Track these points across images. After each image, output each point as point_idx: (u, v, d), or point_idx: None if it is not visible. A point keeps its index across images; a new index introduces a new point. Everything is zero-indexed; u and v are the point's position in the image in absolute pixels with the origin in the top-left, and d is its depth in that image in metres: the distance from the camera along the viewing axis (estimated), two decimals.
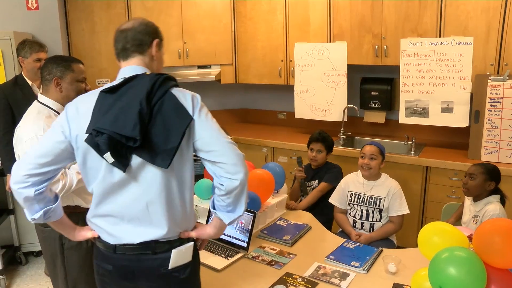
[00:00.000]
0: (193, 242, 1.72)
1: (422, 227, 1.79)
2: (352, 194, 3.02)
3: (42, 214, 1.61)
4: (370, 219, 2.95)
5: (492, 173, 2.70)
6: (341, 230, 3.09)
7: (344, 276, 2.12)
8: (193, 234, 1.71)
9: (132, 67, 1.65)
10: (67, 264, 2.29)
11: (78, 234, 1.78)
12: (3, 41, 3.49)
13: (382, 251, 2.38)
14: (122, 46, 1.66)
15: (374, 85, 4.24)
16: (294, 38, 4.36)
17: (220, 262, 2.25)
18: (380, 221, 2.94)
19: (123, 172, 1.54)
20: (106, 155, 1.50)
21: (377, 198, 2.93)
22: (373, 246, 2.45)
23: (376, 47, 3.93)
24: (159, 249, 1.63)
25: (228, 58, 4.78)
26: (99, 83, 4.26)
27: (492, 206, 2.65)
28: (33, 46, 3.27)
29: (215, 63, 4.78)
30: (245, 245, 2.37)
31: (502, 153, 3.36)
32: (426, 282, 1.62)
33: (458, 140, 3.90)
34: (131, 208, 1.60)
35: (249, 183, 2.60)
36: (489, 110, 3.36)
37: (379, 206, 2.93)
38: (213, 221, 1.74)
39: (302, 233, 2.61)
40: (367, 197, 2.96)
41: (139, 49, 1.66)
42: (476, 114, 3.44)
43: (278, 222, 2.76)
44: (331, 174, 3.28)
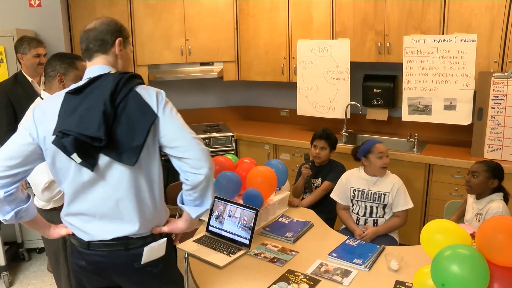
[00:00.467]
0: (165, 238, 1.75)
1: (424, 225, 1.79)
2: (355, 190, 3.01)
3: (14, 215, 1.63)
4: (374, 215, 2.94)
5: (495, 171, 2.69)
6: (344, 227, 3.08)
7: (346, 273, 2.12)
8: (165, 229, 1.75)
9: (96, 67, 1.67)
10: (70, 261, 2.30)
11: (53, 232, 1.82)
12: (6, 38, 3.50)
13: (384, 249, 2.38)
14: (85, 46, 1.68)
15: (376, 82, 4.23)
16: (296, 35, 4.35)
17: (222, 259, 2.25)
18: (383, 217, 2.94)
19: (91, 171, 1.58)
20: (74, 156, 1.54)
21: (381, 194, 2.93)
22: (375, 244, 2.45)
23: (379, 44, 3.91)
24: (132, 245, 1.68)
25: (230, 55, 4.78)
26: None
27: (495, 204, 2.65)
28: (31, 42, 3.28)
29: (218, 60, 4.77)
30: (247, 242, 2.37)
31: (505, 150, 3.34)
32: (428, 280, 1.61)
33: (461, 137, 3.89)
34: (102, 206, 1.64)
35: (252, 180, 2.66)
36: (492, 108, 3.34)
37: (383, 202, 2.92)
38: (184, 215, 1.77)
39: (305, 230, 2.61)
40: (371, 192, 2.95)
41: (102, 48, 1.68)
42: (479, 112, 3.43)
43: (280, 219, 2.76)
44: (335, 173, 3.27)
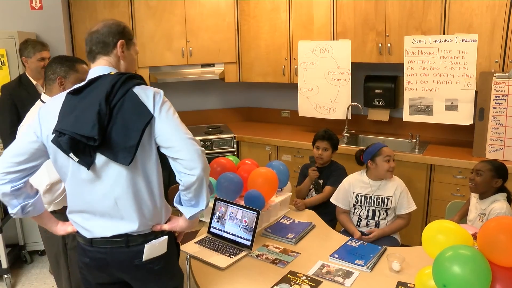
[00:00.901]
0: (167, 236, 1.77)
1: (426, 225, 1.79)
2: (358, 195, 2.99)
3: (20, 209, 1.71)
4: (376, 218, 2.94)
5: (499, 170, 2.69)
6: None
7: (348, 274, 2.12)
8: (166, 227, 1.77)
9: (98, 68, 1.72)
10: (70, 264, 2.30)
11: (60, 229, 1.87)
12: (7, 41, 3.50)
13: (386, 249, 2.37)
14: (89, 48, 1.75)
15: (378, 83, 4.23)
16: (297, 36, 4.35)
17: (223, 260, 2.25)
18: (385, 219, 2.94)
19: (87, 169, 1.62)
20: (71, 154, 1.59)
21: (384, 198, 2.92)
22: (377, 244, 2.45)
23: (380, 45, 3.91)
24: (132, 242, 1.71)
25: (231, 56, 4.78)
26: None
27: (498, 204, 2.64)
28: (36, 46, 3.29)
29: (219, 62, 4.77)
30: (249, 243, 2.37)
31: (507, 150, 3.34)
32: (430, 281, 1.61)
33: (463, 138, 3.88)
34: (101, 204, 1.68)
35: (253, 182, 2.66)
36: (493, 108, 3.34)
37: (387, 206, 2.92)
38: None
39: (306, 231, 2.61)
40: (375, 197, 2.94)
41: (104, 50, 1.73)
42: (480, 112, 3.42)
43: (282, 221, 2.75)
44: (335, 177, 3.25)
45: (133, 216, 1.68)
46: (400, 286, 2.01)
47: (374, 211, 2.94)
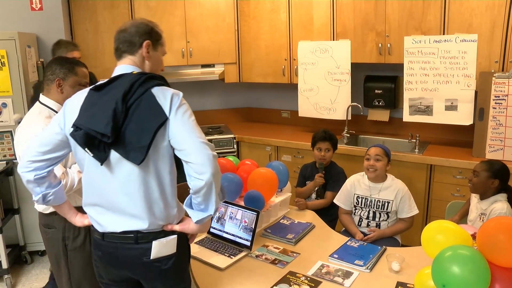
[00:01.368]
0: (176, 235, 1.77)
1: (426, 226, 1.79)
2: (358, 197, 3.00)
3: (41, 197, 1.79)
4: (377, 219, 2.94)
5: (495, 171, 2.68)
6: (345, 229, 3.08)
7: (347, 274, 2.12)
8: (176, 228, 1.77)
9: (122, 67, 1.77)
10: (71, 265, 2.31)
11: (78, 220, 1.92)
12: (8, 41, 3.50)
13: (385, 250, 2.37)
14: (116, 46, 1.79)
15: (378, 83, 4.23)
16: (297, 37, 4.35)
17: (223, 261, 2.26)
18: (386, 220, 2.94)
19: (100, 164, 1.66)
20: (86, 149, 1.65)
21: (385, 202, 2.91)
22: (377, 245, 2.45)
23: (379, 45, 3.91)
24: (142, 239, 1.72)
25: (231, 57, 4.78)
26: None
27: (499, 205, 2.64)
28: (68, 46, 3.44)
29: (219, 62, 4.78)
30: (248, 244, 2.37)
31: (507, 151, 3.34)
32: (429, 281, 1.61)
33: (463, 138, 3.88)
34: (113, 199, 1.70)
35: (253, 182, 2.66)
36: (493, 108, 3.34)
37: (387, 209, 2.91)
38: None
39: (306, 231, 2.61)
40: (375, 200, 2.94)
41: (129, 49, 1.77)
42: (480, 112, 3.42)
43: (281, 221, 2.76)
44: (336, 182, 3.24)
45: (143, 214, 1.69)
46: (399, 287, 2.01)
47: (375, 213, 2.94)
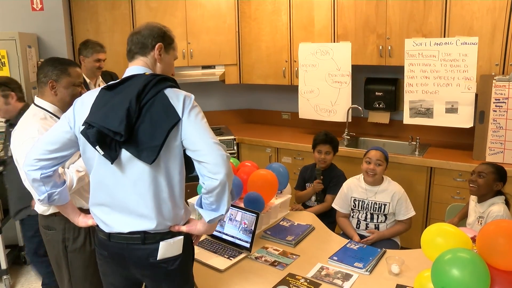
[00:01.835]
0: (183, 236, 1.78)
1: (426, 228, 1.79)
2: (355, 200, 2.99)
3: (47, 197, 1.77)
4: (375, 221, 2.95)
5: (501, 173, 2.69)
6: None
7: (347, 277, 2.12)
8: (183, 229, 1.78)
9: (134, 68, 1.79)
10: (71, 266, 2.30)
11: (81, 221, 1.91)
12: (8, 41, 3.50)
13: (385, 252, 2.37)
14: (129, 48, 1.81)
15: (378, 85, 4.23)
16: (298, 39, 4.35)
17: (223, 262, 2.25)
18: (384, 222, 2.94)
19: (111, 163, 1.66)
20: (97, 147, 1.65)
21: (381, 204, 2.91)
22: (376, 247, 2.45)
23: (380, 47, 3.92)
24: (149, 240, 1.72)
25: (232, 58, 4.78)
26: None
27: (496, 207, 2.64)
28: (94, 47, 3.45)
29: (220, 64, 4.78)
30: (248, 245, 2.37)
31: (507, 154, 3.33)
32: (429, 284, 1.61)
33: (463, 140, 3.88)
34: (121, 199, 1.71)
35: (253, 184, 2.66)
36: (494, 111, 3.34)
37: (384, 211, 2.91)
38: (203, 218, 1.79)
39: (305, 233, 2.61)
40: (371, 203, 2.93)
41: (142, 51, 1.79)
42: (481, 115, 3.42)
43: (281, 223, 2.75)
44: (335, 185, 3.23)
45: (151, 214, 1.70)
46: None
47: (372, 215, 2.95)
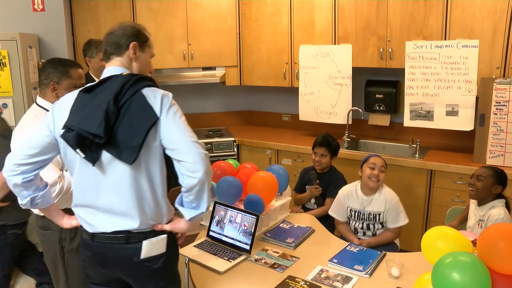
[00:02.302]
0: (166, 235, 1.79)
1: (426, 231, 1.78)
2: (351, 210, 2.94)
3: (29, 201, 1.77)
4: (372, 229, 2.92)
5: (500, 177, 2.68)
6: None
7: (347, 279, 2.11)
8: (166, 227, 1.80)
9: (111, 68, 1.81)
10: (68, 267, 2.30)
11: (66, 222, 1.92)
12: (9, 42, 3.50)
13: (385, 255, 2.36)
14: (104, 49, 1.84)
15: (378, 87, 4.23)
16: (299, 41, 4.35)
17: (222, 264, 2.25)
18: (382, 229, 2.92)
19: (92, 165, 1.68)
20: (78, 150, 1.66)
21: (376, 214, 2.87)
22: (376, 250, 2.44)
23: (381, 50, 3.92)
24: (132, 239, 1.74)
25: (232, 60, 4.78)
26: None
27: (496, 210, 2.63)
28: (98, 46, 3.43)
29: (220, 65, 4.78)
30: (248, 247, 2.36)
31: (507, 157, 3.33)
32: (429, 287, 1.60)
33: (463, 143, 3.88)
34: (104, 200, 1.72)
35: (253, 186, 2.66)
36: (494, 114, 3.34)
37: (379, 220, 2.88)
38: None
39: (305, 236, 2.60)
40: (366, 213, 2.89)
41: (117, 51, 1.81)
42: (481, 118, 3.42)
43: (281, 225, 2.75)
44: (335, 188, 3.19)
45: (134, 214, 1.71)
46: None
47: (368, 225, 2.91)
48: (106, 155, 1.67)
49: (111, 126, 1.64)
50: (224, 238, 2.47)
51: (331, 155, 3.31)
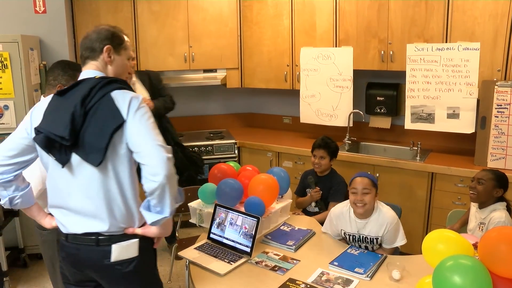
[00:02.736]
0: (137, 239, 1.79)
1: (427, 234, 1.78)
2: (346, 233, 2.65)
3: (8, 201, 1.83)
4: (370, 249, 2.64)
5: (501, 180, 2.67)
6: None
7: (347, 282, 2.11)
8: (138, 231, 1.80)
9: (86, 72, 1.83)
10: None
11: (47, 222, 1.96)
12: (11, 44, 3.51)
13: (386, 258, 2.36)
14: (80, 53, 1.86)
15: (379, 90, 4.23)
16: (300, 43, 4.36)
17: (223, 267, 2.25)
18: (381, 247, 2.66)
19: (62, 167, 1.71)
20: (48, 152, 1.71)
21: (373, 238, 2.58)
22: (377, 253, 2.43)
23: (382, 52, 3.92)
24: (102, 242, 1.76)
25: (234, 62, 4.79)
26: None
27: (498, 214, 2.62)
28: None
29: (221, 67, 4.78)
30: (248, 250, 2.36)
31: (509, 159, 3.33)
32: None
33: (464, 146, 3.87)
34: (74, 201, 1.74)
35: (253, 188, 2.66)
36: (495, 116, 3.33)
37: (377, 243, 2.61)
38: None
39: (306, 238, 2.60)
40: (362, 237, 2.61)
41: (92, 55, 1.83)
42: (482, 120, 3.42)
43: (282, 227, 2.75)
44: (337, 191, 3.20)
45: (103, 216, 1.73)
46: None
47: (366, 247, 2.63)
48: (75, 158, 1.70)
49: (78, 128, 1.66)
50: (224, 241, 2.47)
51: (330, 157, 3.31)
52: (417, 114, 3.74)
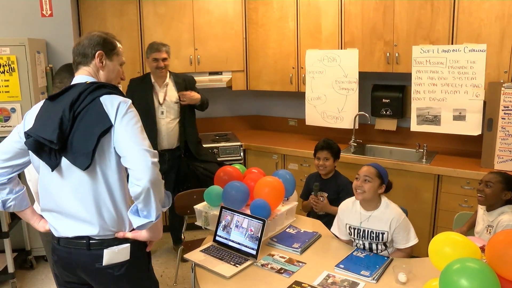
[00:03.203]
0: (128, 244, 1.80)
1: (433, 237, 1.77)
2: (350, 227, 2.64)
3: (1, 204, 1.85)
4: (375, 251, 2.60)
5: (509, 182, 2.65)
6: None
7: (353, 285, 2.10)
8: (129, 235, 1.81)
9: (78, 77, 1.85)
10: None
11: (40, 225, 1.98)
12: (18, 47, 3.53)
13: (392, 260, 2.35)
14: (73, 59, 1.89)
15: (385, 92, 4.22)
16: (305, 45, 4.36)
17: (229, 269, 2.25)
18: (385, 250, 2.60)
19: (51, 171, 1.73)
20: (38, 156, 1.72)
21: (378, 233, 2.55)
22: (383, 255, 2.42)
23: (387, 54, 3.91)
24: (93, 246, 1.77)
25: (239, 64, 4.80)
26: None
27: (506, 217, 2.60)
28: (151, 47, 3.73)
29: (227, 70, 4.79)
30: (254, 252, 2.36)
31: None
32: None
33: (471, 148, 3.85)
34: (64, 205, 1.76)
35: (259, 191, 2.66)
36: (502, 118, 3.31)
37: (382, 240, 2.56)
38: None
39: (312, 241, 2.59)
40: (367, 230, 2.58)
41: (84, 61, 1.86)
42: (489, 122, 3.40)
43: (287, 230, 2.74)
44: (347, 194, 3.07)
45: (93, 220, 1.74)
46: None
47: (371, 244, 2.60)
48: (65, 162, 1.72)
49: (66, 132, 1.68)
50: (230, 243, 2.47)
51: (334, 158, 3.29)
52: (423, 116, 3.73)
